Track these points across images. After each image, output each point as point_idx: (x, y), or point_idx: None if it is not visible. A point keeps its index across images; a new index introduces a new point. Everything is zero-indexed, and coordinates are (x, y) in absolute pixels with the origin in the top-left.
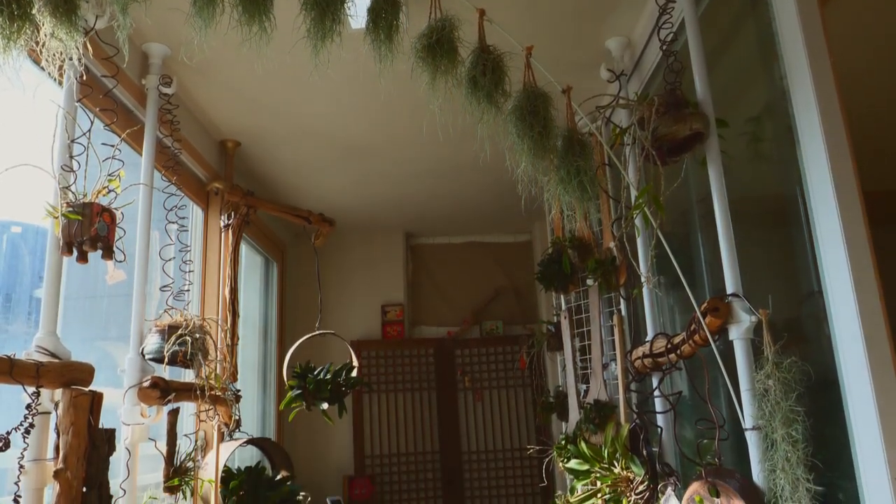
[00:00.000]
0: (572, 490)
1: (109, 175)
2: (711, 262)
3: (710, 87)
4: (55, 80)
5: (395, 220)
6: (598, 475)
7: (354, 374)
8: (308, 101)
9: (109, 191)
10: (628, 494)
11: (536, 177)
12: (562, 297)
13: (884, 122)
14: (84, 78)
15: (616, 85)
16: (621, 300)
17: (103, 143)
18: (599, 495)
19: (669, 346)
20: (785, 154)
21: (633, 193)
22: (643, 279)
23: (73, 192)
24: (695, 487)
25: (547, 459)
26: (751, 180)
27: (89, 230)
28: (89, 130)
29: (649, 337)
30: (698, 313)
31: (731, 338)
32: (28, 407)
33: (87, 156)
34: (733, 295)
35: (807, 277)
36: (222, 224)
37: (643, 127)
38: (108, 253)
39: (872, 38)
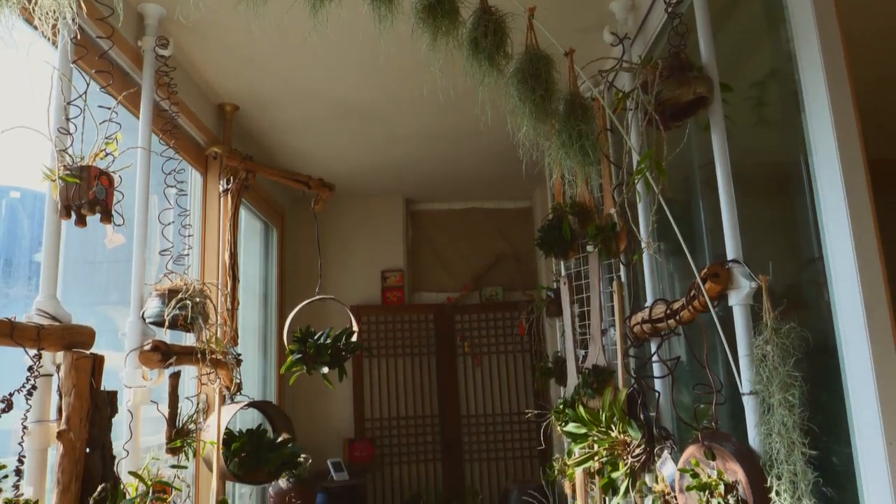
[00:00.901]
0: (570, 453)
1: (107, 138)
2: (712, 229)
3: (715, 50)
4: (49, 40)
5: (394, 185)
6: (595, 439)
7: (354, 338)
8: (307, 64)
9: (107, 154)
10: (625, 457)
11: (538, 141)
12: (562, 263)
13: (891, 89)
14: (78, 38)
15: (619, 48)
16: (621, 266)
17: (100, 106)
18: (596, 458)
19: (669, 311)
20: (789, 119)
21: (635, 158)
22: (643, 245)
23: (70, 155)
24: (691, 451)
25: (545, 423)
26: (754, 146)
27: (87, 193)
28: (85, 92)
29: (648, 303)
30: (698, 279)
31: (730, 304)
32: (30, 369)
33: (84, 118)
34: (734, 261)
35: (808, 244)
36: (221, 189)
37: (646, 91)
38: (107, 216)
39: (882, 2)
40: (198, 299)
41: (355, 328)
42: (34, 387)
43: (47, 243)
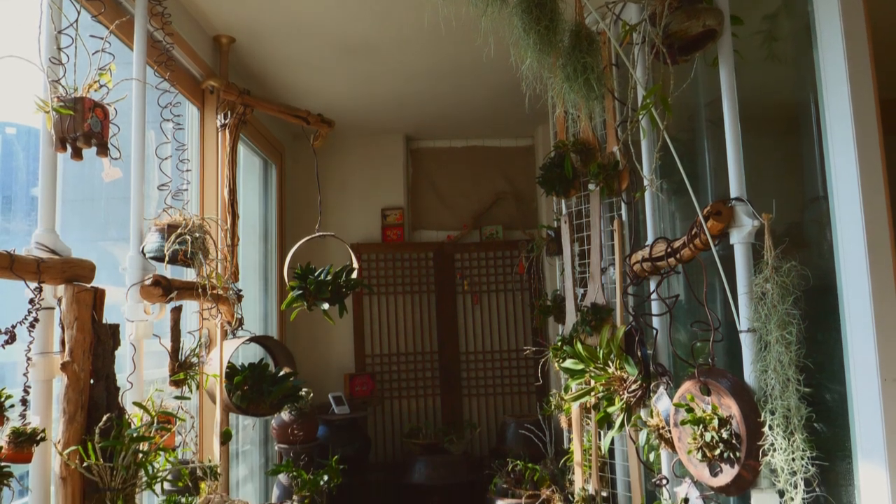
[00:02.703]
0: (567, 389)
1: (100, 69)
2: (716, 168)
3: None
4: None
5: (395, 122)
6: (592, 375)
7: (354, 275)
8: None
9: (101, 86)
10: (621, 393)
11: (541, 74)
12: (563, 201)
13: None
14: None
15: None
16: (622, 205)
17: (91, 36)
18: (593, 393)
19: (669, 250)
20: (800, 55)
21: (641, 94)
22: (646, 182)
23: (63, 87)
24: (687, 386)
25: (543, 360)
26: (762, 82)
27: (82, 126)
28: (76, 21)
29: (649, 242)
30: (700, 217)
31: (731, 242)
32: (31, 302)
33: (76, 48)
34: (737, 199)
35: (812, 183)
36: (219, 123)
37: (654, 23)
38: (103, 149)
39: None
40: (197, 234)
41: (355, 265)
42: (36, 319)
43: (43, 177)
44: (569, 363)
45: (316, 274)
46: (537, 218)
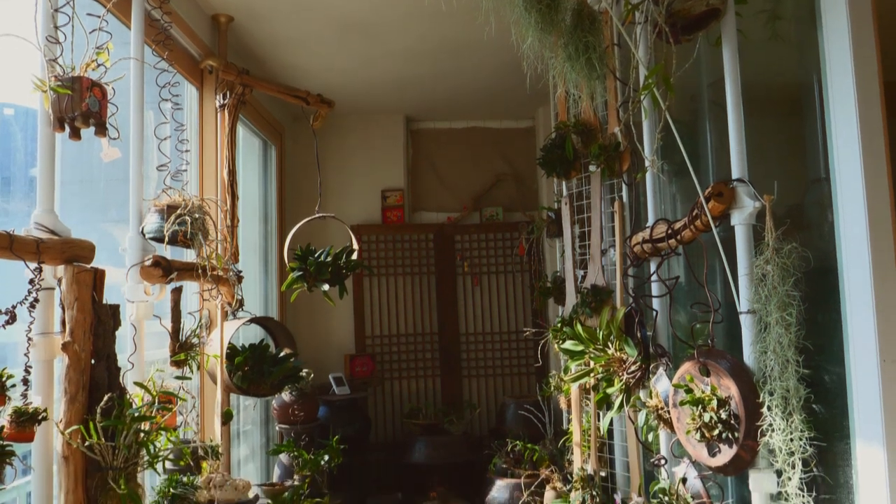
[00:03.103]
0: (566, 370)
1: (97, 48)
2: (718, 149)
3: None
4: None
5: (395, 103)
6: (591, 356)
7: (354, 257)
8: None
9: (99, 65)
10: (620, 374)
11: (542, 53)
12: (563, 183)
13: None
14: None
15: None
16: (623, 186)
17: (89, 14)
18: (592, 375)
19: (670, 231)
20: (804, 36)
21: (643, 74)
22: (647, 163)
23: (60, 66)
24: (686, 367)
25: (542, 341)
26: (766, 63)
27: (80, 105)
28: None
29: (649, 223)
30: (702, 198)
31: (732, 223)
32: (31, 282)
33: (73, 27)
34: (738, 180)
35: (814, 164)
36: (218, 104)
37: (657, 2)
38: (101, 129)
39: None
40: (197, 215)
41: (355, 246)
42: (36, 299)
43: (41, 157)
44: (568, 344)
45: (316, 255)
46: (538, 199)
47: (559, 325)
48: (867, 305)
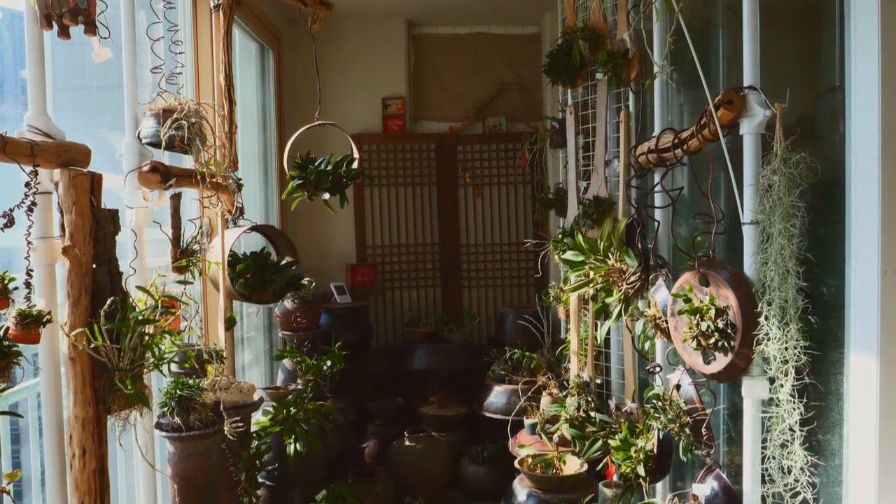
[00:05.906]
0: (566, 280)
1: None
2: (730, 58)
3: None
4: None
5: (396, 6)
6: (591, 266)
7: (355, 166)
8: None
9: None
10: (620, 284)
11: None
12: (568, 91)
13: None
14: None
15: None
16: (630, 95)
17: None
18: (592, 285)
19: (676, 140)
20: None
21: None
22: (657, 69)
23: None
24: (686, 277)
25: (543, 253)
26: None
27: (67, 1)
28: None
29: (656, 133)
30: (711, 106)
31: (741, 132)
32: (27, 185)
33: None
34: (750, 87)
35: (829, 72)
36: (212, 4)
37: None
38: (91, 27)
39: None
40: (193, 120)
41: (356, 155)
42: (34, 203)
43: (31, 57)
44: (569, 255)
45: (316, 163)
46: (541, 110)
47: (560, 236)
48: (872, 215)
